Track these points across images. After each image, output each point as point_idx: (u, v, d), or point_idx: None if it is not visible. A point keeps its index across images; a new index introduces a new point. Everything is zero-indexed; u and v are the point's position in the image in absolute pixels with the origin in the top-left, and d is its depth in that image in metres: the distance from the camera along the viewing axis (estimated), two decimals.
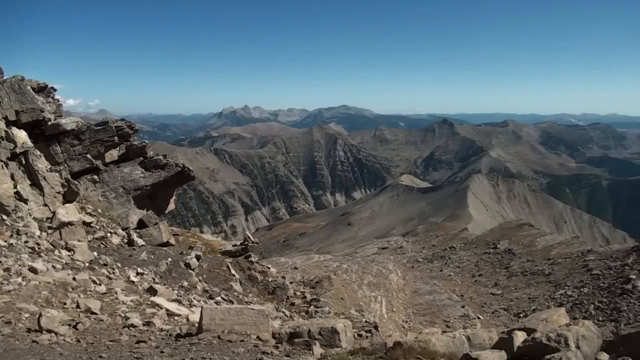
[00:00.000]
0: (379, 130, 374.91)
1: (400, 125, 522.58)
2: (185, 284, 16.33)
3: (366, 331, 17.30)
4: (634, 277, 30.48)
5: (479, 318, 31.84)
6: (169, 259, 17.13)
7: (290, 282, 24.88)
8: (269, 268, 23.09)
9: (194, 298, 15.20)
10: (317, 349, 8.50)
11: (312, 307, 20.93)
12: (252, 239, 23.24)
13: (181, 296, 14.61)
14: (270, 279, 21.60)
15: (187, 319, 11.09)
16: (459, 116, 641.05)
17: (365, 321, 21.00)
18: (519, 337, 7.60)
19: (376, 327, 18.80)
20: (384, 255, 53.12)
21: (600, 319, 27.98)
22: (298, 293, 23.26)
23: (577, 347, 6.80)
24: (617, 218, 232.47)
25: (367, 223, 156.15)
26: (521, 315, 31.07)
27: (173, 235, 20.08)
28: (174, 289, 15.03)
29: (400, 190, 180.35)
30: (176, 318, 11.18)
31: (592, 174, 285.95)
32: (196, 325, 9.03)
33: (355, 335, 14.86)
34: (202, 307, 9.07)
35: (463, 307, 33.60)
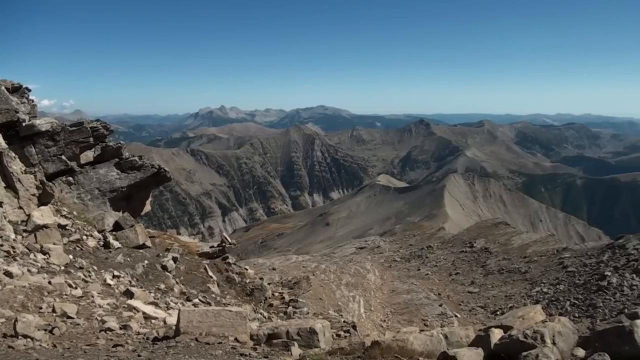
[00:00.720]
0: (356, 131, 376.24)
1: (377, 126, 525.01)
2: (162, 286, 16.21)
3: (345, 331, 17.32)
4: (609, 273, 30.95)
5: (456, 316, 32.12)
6: (146, 262, 17.00)
7: (269, 283, 24.82)
8: (247, 269, 23.03)
9: (171, 300, 15.09)
10: (296, 350, 8.53)
11: (290, 308, 20.91)
12: (230, 240, 23.18)
13: (158, 299, 14.50)
14: (248, 281, 21.55)
15: (165, 322, 11.02)
16: (436, 116, 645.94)
17: (344, 321, 21.06)
18: (496, 335, 7.65)
19: (354, 327, 18.85)
20: (361, 255, 53.32)
21: (577, 315, 28.37)
22: (276, 294, 23.21)
23: (554, 343, 6.87)
24: (592, 216, 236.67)
25: (345, 223, 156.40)
26: (498, 312, 31.40)
27: (149, 237, 19.95)
28: (150, 292, 14.92)
29: (377, 190, 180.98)
30: (153, 321, 11.10)
31: (567, 173, 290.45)
32: (173, 327, 9.00)
33: (334, 335, 14.89)
34: (179, 310, 9.02)
35: (440, 305, 33.86)
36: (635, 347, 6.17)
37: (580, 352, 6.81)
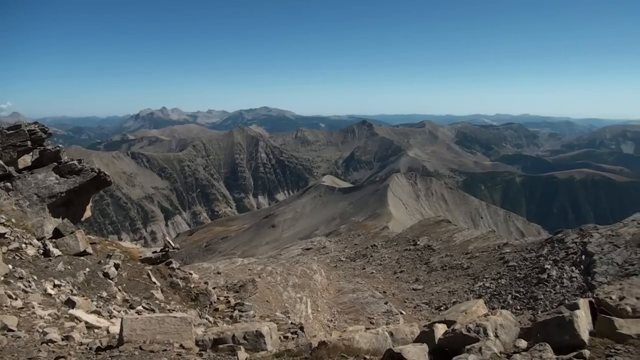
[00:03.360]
0: (300, 132, 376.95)
1: (321, 127, 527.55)
2: (105, 294, 15.88)
3: (292, 333, 17.42)
4: (548, 266, 31.96)
5: (401, 313, 32.55)
6: (87, 269, 16.61)
7: (214, 288, 24.64)
8: (191, 274, 22.77)
9: (113, 309, 14.81)
10: (242, 354, 8.57)
11: (236, 312, 20.82)
12: (173, 245, 22.84)
13: (101, 307, 14.23)
14: (192, 285, 21.31)
15: (108, 331, 10.85)
16: (378, 117, 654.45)
17: (291, 323, 21.14)
18: (440, 330, 7.88)
19: (302, 328, 18.97)
20: (308, 255, 53.45)
21: (518, 307, 29.20)
22: (222, 298, 23.03)
23: (496, 335, 7.11)
24: (531, 212, 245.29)
25: (290, 224, 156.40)
26: (442, 308, 31.95)
27: (90, 244, 19.46)
28: (93, 300, 14.61)
29: (322, 191, 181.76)
30: (96, 330, 10.91)
31: (506, 171, 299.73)
32: (117, 337, 8.87)
33: (281, 337, 14.99)
34: (122, 318, 8.87)
35: (386, 303, 34.24)
36: (575, 336, 6.49)
37: (523, 343, 7.07)
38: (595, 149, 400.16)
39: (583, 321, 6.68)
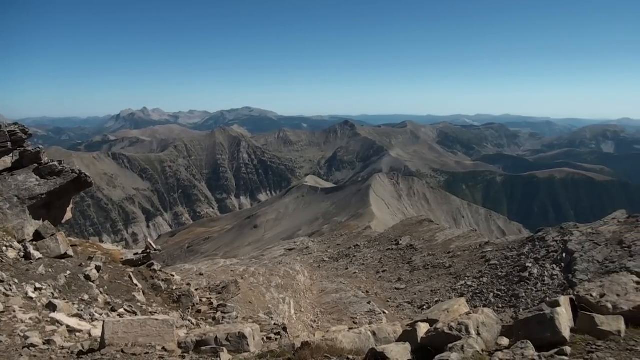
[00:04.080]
0: (283, 132, 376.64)
1: (304, 127, 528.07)
2: (86, 297, 15.74)
3: (275, 334, 17.40)
4: (530, 265, 32.25)
5: (384, 313, 32.63)
6: (68, 272, 16.45)
7: (196, 289, 24.50)
8: (173, 276, 22.64)
9: (95, 312, 14.67)
10: (225, 356, 8.55)
11: (219, 313, 20.74)
12: (155, 247, 22.69)
13: (82, 310, 14.09)
14: (174, 287, 21.20)
15: (89, 334, 10.76)
16: (360, 117, 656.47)
17: (274, 324, 21.10)
18: (422, 329, 7.92)
19: (285, 329, 18.95)
20: (291, 256, 53.39)
21: (500, 306, 29.40)
22: (204, 300, 22.92)
23: (478, 334, 7.17)
24: (512, 211, 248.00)
25: (273, 225, 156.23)
26: (424, 307, 32.02)
27: (71, 246, 19.28)
28: (74, 303, 14.48)
29: (305, 191, 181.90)
30: (78, 334, 10.81)
31: (487, 171, 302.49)
32: (99, 340, 8.82)
33: (265, 338, 14.98)
34: (104, 321, 8.83)
35: (369, 303, 34.30)
36: (557, 333, 6.56)
37: (505, 341, 7.13)
38: (575, 149, 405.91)
39: (564, 318, 6.76)
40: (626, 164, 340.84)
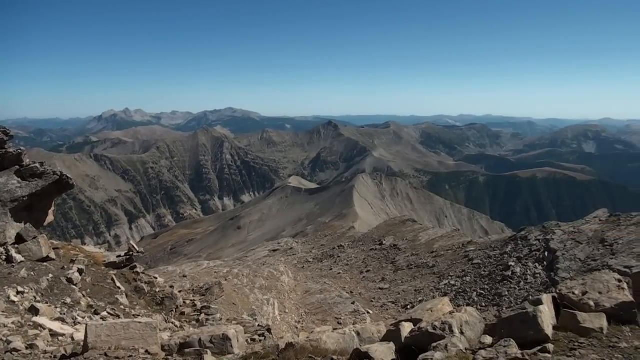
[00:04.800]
0: (266, 133, 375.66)
1: (287, 128, 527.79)
2: (69, 300, 15.60)
3: (259, 335, 17.39)
4: (512, 264, 32.55)
5: (368, 313, 32.72)
6: (50, 275, 16.30)
7: (179, 291, 24.40)
8: (156, 278, 22.52)
9: (78, 315, 14.56)
10: (209, 358, 8.54)
11: (203, 315, 20.66)
12: (137, 249, 22.55)
13: (65, 314, 13.98)
14: (157, 290, 21.08)
15: (72, 338, 10.69)
16: (344, 118, 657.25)
17: (258, 325, 21.10)
18: (406, 328, 7.99)
19: (269, 330, 18.95)
20: (275, 257, 53.31)
21: (483, 304, 29.63)
22: (188, 302, 22.83)
23: (461, 332, 7.25)
24: (495, 211, 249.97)
25: (257, 226, 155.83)
26: (408, 307, 32.15)
27: (53, 249, 19.09)
28: (57, 307, 14.36)
29: (288, 192, 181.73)
30: (60, 338, 10.73)
31: (470, 171, 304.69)
32: (82, 344, 8.76)
33: (249, 340, 14.96)
34: (86, 325, 8.77)
35: (353, 303, 34.40)
36: (540, 331, 6.64)
37: (488, 339, 7.20)
38: (557, 149, 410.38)
39: (547, 316, 6.84)
40: (607, 164, 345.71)
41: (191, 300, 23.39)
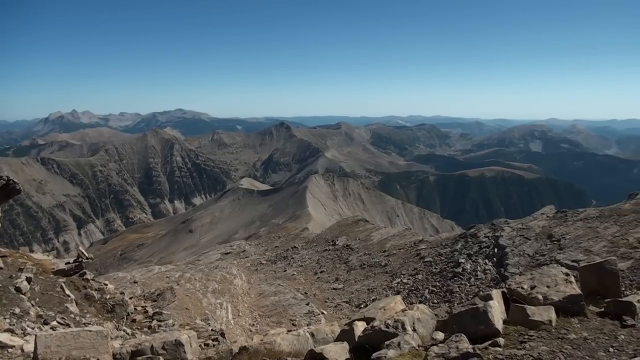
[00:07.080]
0: (217, 134, 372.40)
1: (238, 129, 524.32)
2: (17, 310, 15.16)
3: (213, 340, 17.27)
4: (463, 260, 33.18)
5: (323, 313, 32.84)
6: None
7: (130, 298, 23.98)
8: (106, 284, 22.07)
9: (27, 325, 14.17)
10: None
11: (154, 322, 20.39)
12: (87, 255, 22.05)
13: (14, 325, 13.59)
14: (108, 297, 20.68)
15: (22, 350, 10.42)
16: (296, 119, 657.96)
17: (212, 329, 20.92)
18: (360, 327, 8.09)
19: (223, 335, 18.82)
20: (227, 260, 52.91)
21: (435, 301, 30.05)
22: (139, 308, 22.47)
23: (414, 329, 7.40)
24: (445, 209, 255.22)
25: (209, 229, 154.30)
26: (362, 306, 32.35)
27: (0, 257, 18.50)
28: (5, 318, 13.94)
29: (240, 194, 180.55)
30: (10, 350, 10.44)
31: (420, 171, 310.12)
32: (31, 355, 8.57)
33: (202, 345, 14.87)
34: (36, 335, 8.61)
35: (307, 304, 34.46)
36: (490, 325, 6.85)
37: (440, 335, 7.39)
38: (504, 148, 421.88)
39: (497, 311, 7.06)
40: (553, 162, 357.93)
41: (142, 307, 23.02)
